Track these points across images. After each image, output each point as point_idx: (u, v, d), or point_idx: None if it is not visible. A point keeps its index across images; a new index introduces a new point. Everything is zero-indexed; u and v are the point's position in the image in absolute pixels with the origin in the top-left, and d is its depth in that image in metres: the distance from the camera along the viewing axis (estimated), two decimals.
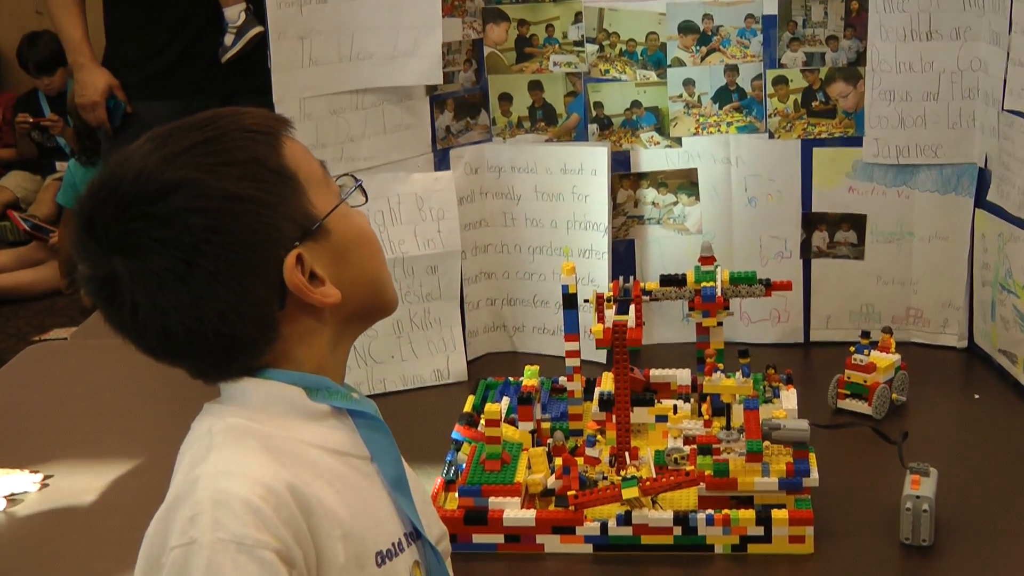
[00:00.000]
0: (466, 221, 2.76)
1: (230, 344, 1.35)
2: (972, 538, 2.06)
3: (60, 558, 2.17)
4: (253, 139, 1.36)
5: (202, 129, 1.35)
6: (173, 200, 1.30)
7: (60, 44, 6.95)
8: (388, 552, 1.38)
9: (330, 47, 2.56)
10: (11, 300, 6.12)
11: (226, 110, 1.40)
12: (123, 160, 1.34)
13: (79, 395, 2.81)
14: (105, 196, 1.32)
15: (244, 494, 1.25)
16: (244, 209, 1.32)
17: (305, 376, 1.38)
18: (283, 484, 1.28)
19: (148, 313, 1.32)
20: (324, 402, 1.39)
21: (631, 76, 2.77)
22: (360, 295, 1.42)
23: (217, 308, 1.31)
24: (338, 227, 1.39)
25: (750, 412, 2.13)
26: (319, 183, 1.40)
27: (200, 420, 1.39)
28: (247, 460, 1.29)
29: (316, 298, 1.36)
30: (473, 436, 2.25)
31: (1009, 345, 2.56)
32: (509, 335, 2.87)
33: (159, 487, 2.33)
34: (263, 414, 1.36)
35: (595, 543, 2.08)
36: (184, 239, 1.29)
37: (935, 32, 2.62)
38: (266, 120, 1.39)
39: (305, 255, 1.35)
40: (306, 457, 1.34)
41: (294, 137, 1.42)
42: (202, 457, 1.31)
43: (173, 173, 1.31)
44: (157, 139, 1.35)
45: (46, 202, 6.84)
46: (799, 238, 2.79)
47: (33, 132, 7.12)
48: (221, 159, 1.33)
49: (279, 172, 1.35)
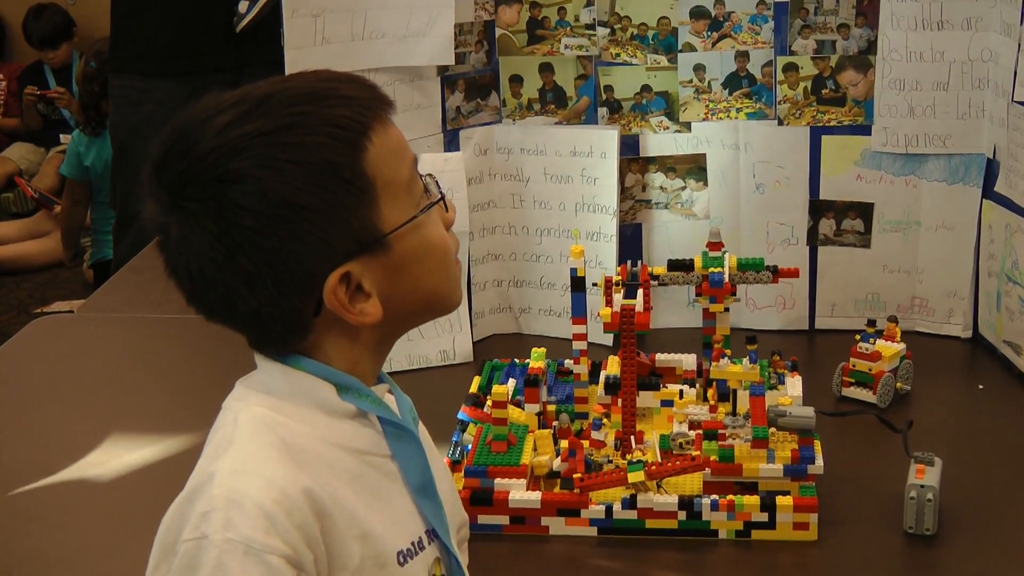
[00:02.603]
0: (474, 202, 2.76)
1: (260, 333, 1.35)
2: (976, 528, 2.07)
3: (68, 529, 2.18)
4: (335, 137, 1.28)
5: (288, 109, 1.28)
6: (231, 193, 1.26)
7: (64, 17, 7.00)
8: (409, 551, 1.37)
9: (343, 26, 2.56)
10: (13, 271, 6.14)
11: (323, 85, 1.33)
12: (203, 120, 1.29)
13: (88, 368, 2.82)
14: (175, 156, 1.29)
15: (258, 496, 1.25)
16: (299, 218, 1.27)
17: (337, 373, 1.35)
18: (298, 488, 1.27)
19: (185, 278, 1.32)
20: (353, 402, 1.36)
21: (642, 60, 2.77)
22: (411, 307, 1.38)
23: (249, 305, 1.30)
24: (403, 241, 1.33)
25: (756, 398, 2.14)
26: (398, 190, 1.33)
27: (229, 404, 1.38)
28: (265, 460, 1.29)
29: (352, 318, 1.32)
30: (479, 417, 2.26)
31: (1014, 336, 2.57)
32: (515, 317, 2.88)
33: (168, 460, 2.38)
34: (290, 405, 1.34)
35: (600, 526, 2.09)
36: (231, 235, 1.27)
37: (946, 22, 2.62)
38: (360, 110, 1.31)
39: (354, 270, 1.31)
40: (326, 456, 1.33)
41: (391, 125, 1.34)
42: (223, 450, 1.30)
43: (238, 163, 1.26)
44: (241, 110, 1.29)
45: (49, 174, 6.86)
46: (806, 225, 2.79)
47: (39, 104, 7.12)
48: (292, 155, 1.27)
49: (352, 181, 1.29)
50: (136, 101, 3.70)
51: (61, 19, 7.10)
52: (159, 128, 1.36)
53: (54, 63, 7.11)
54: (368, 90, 1.35)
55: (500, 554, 2.07)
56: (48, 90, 7.02)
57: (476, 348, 2.77)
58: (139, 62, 3.62)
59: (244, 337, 1.38)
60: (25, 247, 6.23)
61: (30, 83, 7.10)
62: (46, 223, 6.37)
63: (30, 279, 6.11)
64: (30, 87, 7.05)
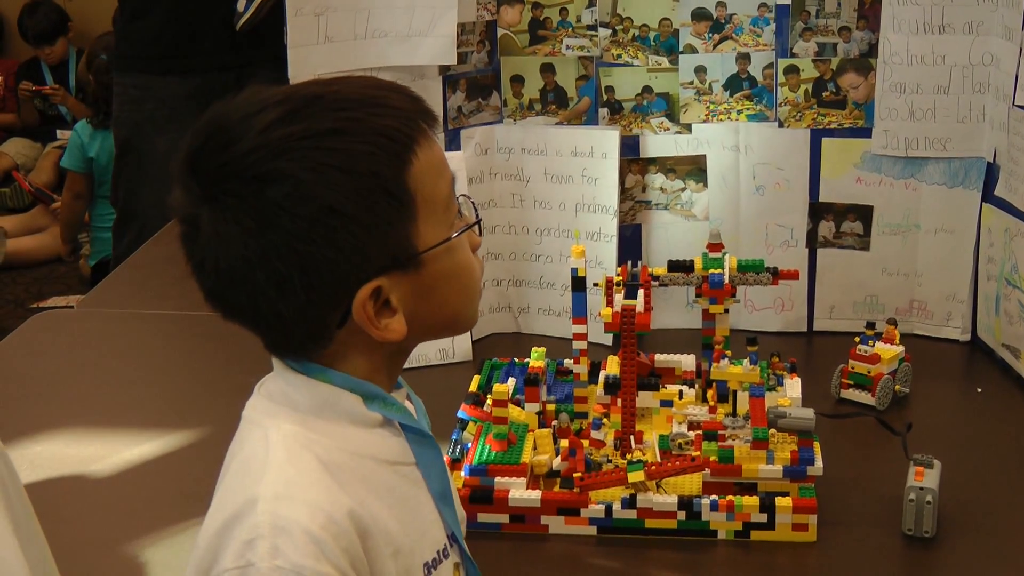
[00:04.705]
0: (475, 201, 2.75)
1: (280, 338, 1.33)
2: (974, 531, 2.08)
3: (67, 525, 2.18)
4: (382, 147, 1.26)
5: (336, 113, 1.26)
6: (271, 192, 1.23)
7: (59, 13, 7.01)
8: (434, 560, 1.37)
9: (346, 25, 2.57)
10: (10, 267, 6.13)
11: (373, 93, 1.30)
12: (245, 115, 1.26)
13: (88, 364, 2.82)
14: (214, 148, 1.26)
15: (305, 523, 1.22)
16: (339, 225, 1.24)
17: (362, 383, 1.33)
18: (343, 511, 1.26)
19: (210, 273, 1.29)
20: (379, 411, 1.34)
21: (643, 61, 2.77)
22: (432, 326, 1.37)
23: (275, 308, 1.28)
24: (436, 261, 1.31)
25: (756, 399, 2.14)
26: (436, 208, 1.31)
27: (254, 418, 1.35)
28: (308, 484, 1.26)
29: (377, 333, 1.30)
30: (479, 416, 2.27)
31: (1012, 340, 2.58)
32: (514, 316, 2.88)
33: (168, 456, 2.38)
34: (318, 420, 1.32)
35: (599, 525, 2.10)
36: (267, 235, 1.24)
37: (948, 26, 2.63)
38: (407, 123, 1.29)
39: (385, 285, 1.28)
40: (360, 471, 1.31)
41: (434, 142, 1.32)
42: (259, 473, 1.27)
43: (283, 164, 1.23)
44: (287, 108, 1.26)
45: (46, 169, 6.86)
46: (805, 227, 2.80)
47: (35, 100, 7.12)
48: (338, 162, 1.24)
49: (395, 195, 1.26)
50: (139, 99, 3.71)
51: (56, 15, 7.10)
52: (161, 126, 1.35)
53: (50, 59, 7.11)
54: (416, 103, 1.32)
55: (500, 552, 2.07)
56: (44, 86, 7.02)
57: (475, 347, 2.77)
58: (143, 60, 3.63)
59: (261, 339, 1.35)
60: (22, 242, 6.22)
61: (26, 79, 7.10)
62: (43, 218, 6.36)
63: (27, 274, 6.10)
64: (25, 82, 7.06)
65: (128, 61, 3.83)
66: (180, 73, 3.50)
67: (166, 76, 3.56)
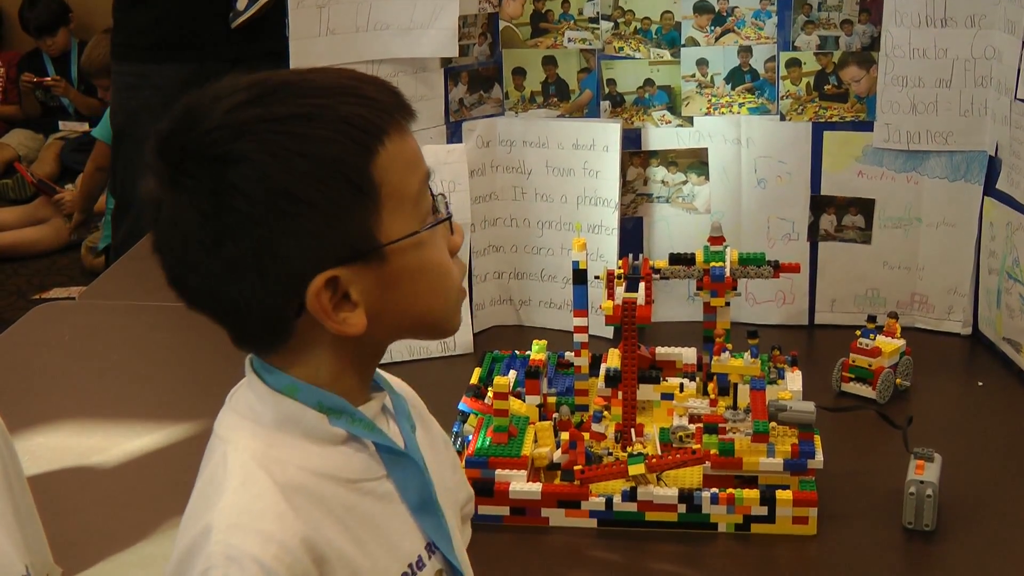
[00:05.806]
0: (476, 194, 2.77)
1: (239, 328, 1.30)
2: (975, 524, 2.08)
3: (69, 516, 2.18)
4: (347, 135, 1.23)
5: (304, 100, 1.23)
6: (230, 174, 1.20)
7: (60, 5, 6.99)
8: (405, 575, 1.34)
9: (347, 17, 2.57)
10: (12, 258, 6.13)
11: (346, 82, 1.27)
12: (215, 97, 1.24)
13: (89, 355, 2.82)
14: (182, 129, 1.24)
15: (256, 553, 1.20)
16: (297, 212, 1.21)
17: (329, 396, 1.29)
18: (297, 539, 1.23)
19: (169, 257, 1.27)
20: (345, 428, 1.30)
21: (645, 54, 2.77)
22: (399, 325, 1.32)
23: (230, 295, 1.25)
24: (401, 256, 1.27)
25: (757, 392, 2.15)
26: (403, 202, 1.27)
27: (219, 433, 1.32)
28: (260, 510, 1.23)
29: (333, 326, 1.26)
30: (480, 408, 2.27)
31: (1013, 333, 2.58)
32: (515, 308, 2.89)
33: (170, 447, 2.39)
34: (281, 434, 1.29)
35: (600, 518, 2.10)
36: (222, 217, 1.21)
37: (950, 19, 2.63)
38: (378, 113, 1.26)
39: (343, 276, 1.24)
40: (318, 492, 1.27)
41: (409, 135, 1.29)
42: (216, 498, 1.25)
43: (243, 145, 1.20)
44: (256, 92, 1.24)
45: (48, 160, 6.86)
46: (807, 221, 2.80)
47: (37, 92, 7.12)
48: (300, 147, 1.21)
49: (357, 184, 1.23)
50: (135, 87, 3.71)
51: (57, 6, 7.09)
52: (156, 114, 1.33)
53: (52, 51, 7.11)
54: (390, 95, 1.29)
55: (500, 545, 2.07)
56: (45, 78, 7.02)
57: (477, 339, 2.78)
58: (139, 49, 3.63)
59: (227, 333, 1.32)
60: (24, 233, 6.22)
61: (28, 70, 7.10)
62: (45, 209, 6.36)
63: (28, 265, 6.10)
64: (27, 74, 7.05)
65: (125, 49, 3.83)
66: (177, 61, 3.50)
67: (163, 64, 3.56)
